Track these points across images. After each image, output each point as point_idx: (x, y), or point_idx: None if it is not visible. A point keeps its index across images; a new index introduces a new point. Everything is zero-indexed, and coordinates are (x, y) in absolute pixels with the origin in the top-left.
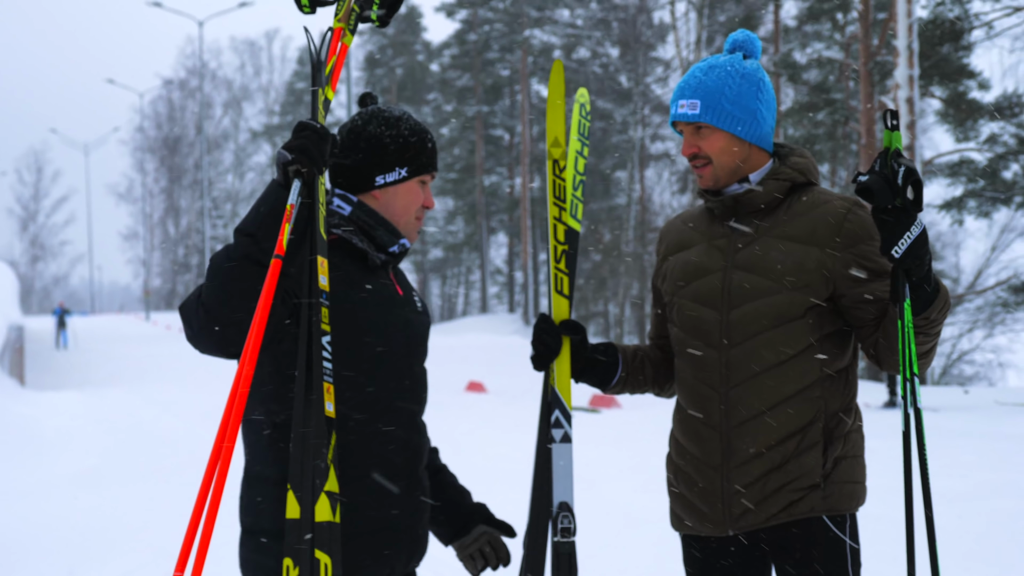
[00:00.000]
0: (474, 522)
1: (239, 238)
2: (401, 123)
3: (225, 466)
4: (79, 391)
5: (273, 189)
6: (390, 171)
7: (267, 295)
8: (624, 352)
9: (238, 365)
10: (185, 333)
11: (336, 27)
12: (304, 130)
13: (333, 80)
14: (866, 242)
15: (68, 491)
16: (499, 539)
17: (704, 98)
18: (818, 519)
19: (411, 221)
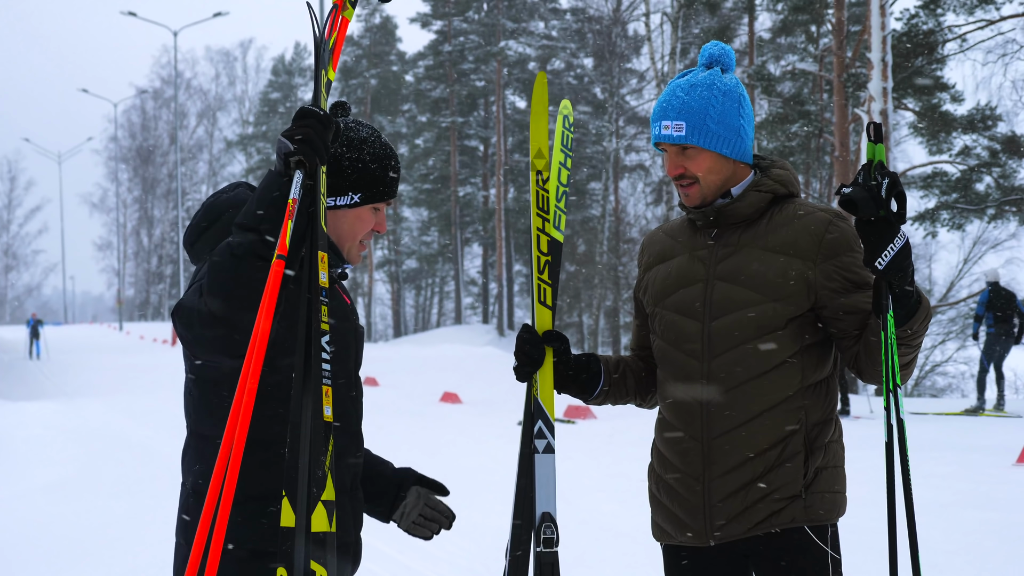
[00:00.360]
0: (406, 487)
1: (242, 234)
2: (365, 147)
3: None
4: (52, 401)
5: (274, 180)
6: (343, 195)
7: (271, 298)
8: (606, 363)
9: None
10: (181, 336)
11: (338, 1)
12: (307, 117)
13: (334, 58)
14: (847, 254)
15: (42, 502)
16: (436, 499)
17: (689, 119)
18: (800, 529)
19: (355, 246)
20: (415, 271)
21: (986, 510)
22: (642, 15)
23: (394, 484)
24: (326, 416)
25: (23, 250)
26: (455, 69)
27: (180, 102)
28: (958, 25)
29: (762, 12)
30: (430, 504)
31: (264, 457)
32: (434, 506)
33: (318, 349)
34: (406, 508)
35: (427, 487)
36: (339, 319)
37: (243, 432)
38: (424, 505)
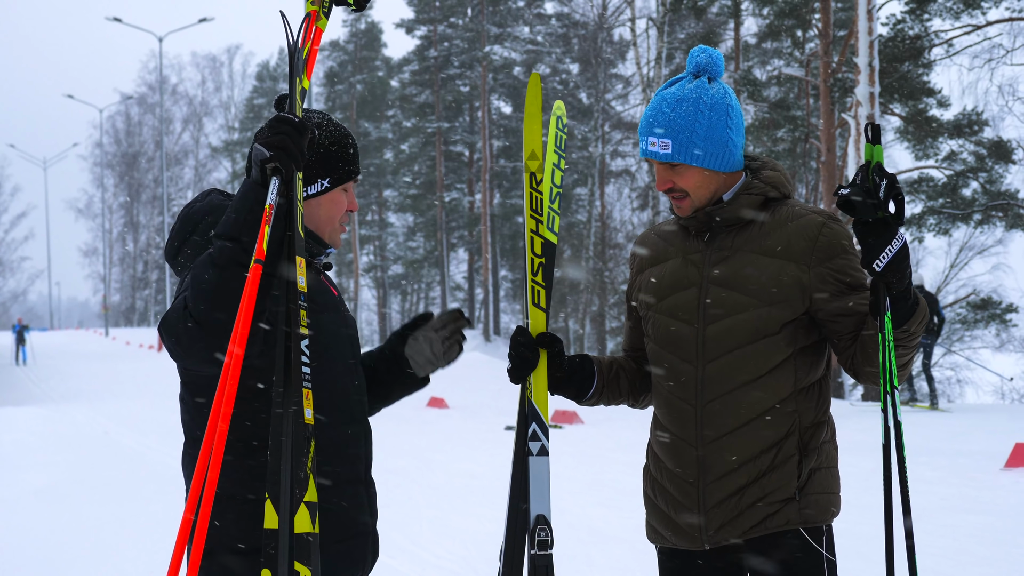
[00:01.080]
0: (400, 350)
1: (221, 243)
2: (320, 132)
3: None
4: (39, 407)
5: (251, 188)
6: (312, 183)
7: (249, 303)
8: (600, 364)
9: (220, 378)
10: (169, 349)
11: (311, 10)
12: (282, 124)
13: (309, 66)
14: (841, 256)
15: (29, 507)
16: (431, 323)
17: (675, 137)
18: (795, 531)
19: (335, 229)
20: (401, 276)
21: (974, 514)
22: (627, 20)
23: (394, 361)
24: (307, 419)
25: (9, 256)
26: (440, 74)
27: (166, 108)
28: (944, 30)
29: (748, 17)
30: (436, 328)
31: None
32: (439, 326)
33: (298, 353)
34: (426, 356)
35: (412, 330)
36: (329, 311)
37: (223, 435)
38: (433, 334)
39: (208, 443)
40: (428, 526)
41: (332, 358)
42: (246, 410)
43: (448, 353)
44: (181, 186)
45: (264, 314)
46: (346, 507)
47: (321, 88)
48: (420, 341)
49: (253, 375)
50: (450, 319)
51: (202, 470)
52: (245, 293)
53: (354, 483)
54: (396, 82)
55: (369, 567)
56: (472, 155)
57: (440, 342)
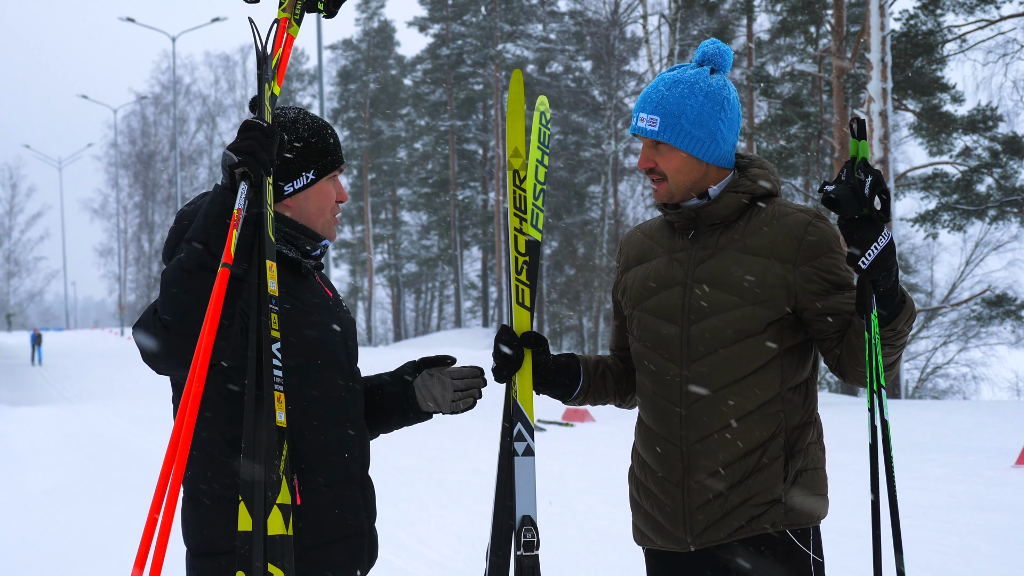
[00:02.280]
0: (409, 382)
1: (190, 247)
2: (299, 125)
3: (176, 486)
4: (53, 406)
5: (220, 193)
6: (297, 178)
7: (215, 306)
8: (586, 363)
9: (187, 380)
10: (142, 353)
11: (281, 17)
12: (251, 130)
13: (279, 73)
14: (827, 255)
15: (41, 506)
16: (449, 370)
17: (664, 115)
18: (781, 533)
19: (328, 221)
20: (415, 275)
21: (983, 512)
22: (640, 17)
23: (401, 387)
24: (279, 421)
25: (25, 256)
26: (453, 72)
27: (180, 107)
28: (958, 25)
29: (761, 13)
30: (453, 376)
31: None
32: (458, 376)
33: (269, 356)
34: (432, 394)
35: (429, 366)
36: (321, 312)
37: (187, 438)
38: (449, 379)
39: (173, 445)
40: (434, 525)
41: (323, 359)
42: (225, 412)
43: (456, 404)
44: (196, 186)
45: (233, 317)
46: (339, 508)
47: (334, 87)
48: (435, 378)
49: (228, 378)
50: (471, 374)
51: (167, 471)
52: (212, 297)
53: (348, 484)
54: (409, 80)
55: (366, 568)
56: (485, 153)
57: (452, 389)
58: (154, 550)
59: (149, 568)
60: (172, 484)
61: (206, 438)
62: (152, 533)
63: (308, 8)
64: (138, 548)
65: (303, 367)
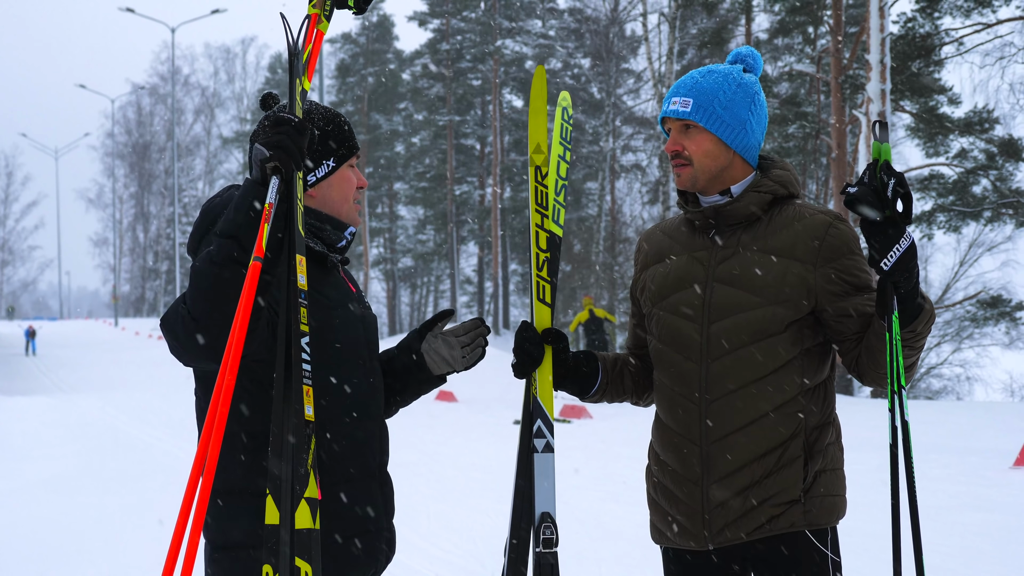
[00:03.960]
0: (416, 347)
1: (220, 241)
2: (313, 116)
3: (209, 479)
4: (48, 396)
5: (251, 187)
6: (318, 167)
7: (247, 299)
8: (604, 361)
9: (219, 374)
10: (170, 346)
11: (312, 13)
12: (282, 124)
13: (310, 69)
14: (847, 256)
15: (37, 497)
16: (451, 327)
17: (697, 97)
18: (800, 533)
19: (351, 206)
20: (411, 269)
21: (983, 512)
22: (639, 15)
23: (410, 357)
24: (307, 415)
25: (19, 245)
26: (452, 68)
27: (178, 99)
28: (955, 28)
29: (759, 13)
30: (455, 333)
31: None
32: (459, 332)
33: (298, 350)
34: (442, 355)
35: (432, 327)
36: (345, 307)
37: (220, 431)
38: (453, 338)
39: (206, 440)
40: (436, 520)
41: (346, 355)
42: (249, 406)
43: (468, 358)
44: (192, 177)
45: (262, 312)
46: (358, 504)
47: (333, 80)
48: (439, 340)
49: (254, 371)
50: (472, 327)
51: (199, 465)
52: (244, 291)
53: (367, 480)
54: (408, 75)
55: (383, 564)
56: (483, 149)
57: (459, 346)
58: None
59: (182, 564)
60: (205, 478)
61: (229, 431)
62: (184, 527)
63: (338, 4)
64: (170, 543)
65: (327, 362)
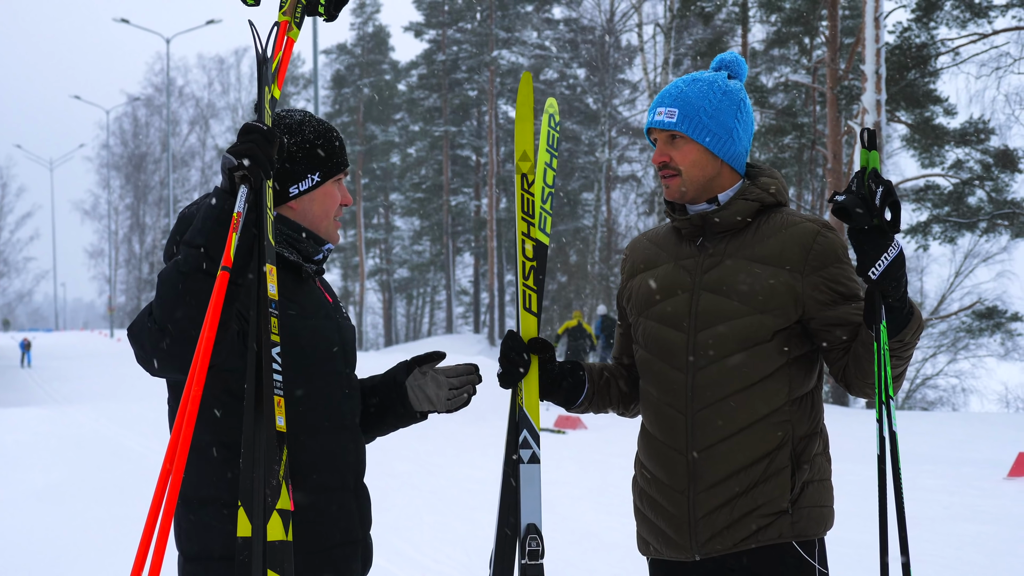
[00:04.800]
0: (401, 381)
1: (188, 250)
2: (305, 128)
3: (175, 489)
4: (42, 407)
5: (219, 196)
6: (302, 179)
7: (215, 309)
8: (590, 371)
9: (186, 383)
10: (136, 355)
11: (282, 21)
12: (251, 133)
13: (280, 77)
14: (835, 265)
15: (31, 508)
16: (441, 367)
17: (683, 107)
18: (787, 544)
19: (331, 224)
20: (406, 280)
21: (976, 523)
22: (635, 26)
23: (394, 388)
24: (279, 426)
25: (14, 256)
26: (448, 78)
27: (172, 109)
28: (951, 38)
29: (755, 23)
30: (447, 374)
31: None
32: (451, 374)
33: (269, 360)
34: (427, 393)
35: (421, 364)
36: (321, 318)
37: (186, 442)
38: (443, 377)
39: (172, 449)
40: (429, 531)
41: (320, 366)
42: (222, 416)
43: (452, 401)
44: (187, 188)
45: (230, 321)
46: (333, 515)
47: (328, 91)
48: (427, 377)
49: (227, 382)
50: (465, 371)
51: (165, 474)
52: (211, 300)
53: (342, 491)
54: (403, 86)
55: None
56: (479, 159)
57: (447, 388)
58: (152, 554)
59: (147, 573)
60: (171, 488)
61: (203, 442)
62: (151, 537)
63: (309, 11)
64: (136, 552)
65: (300, 372)
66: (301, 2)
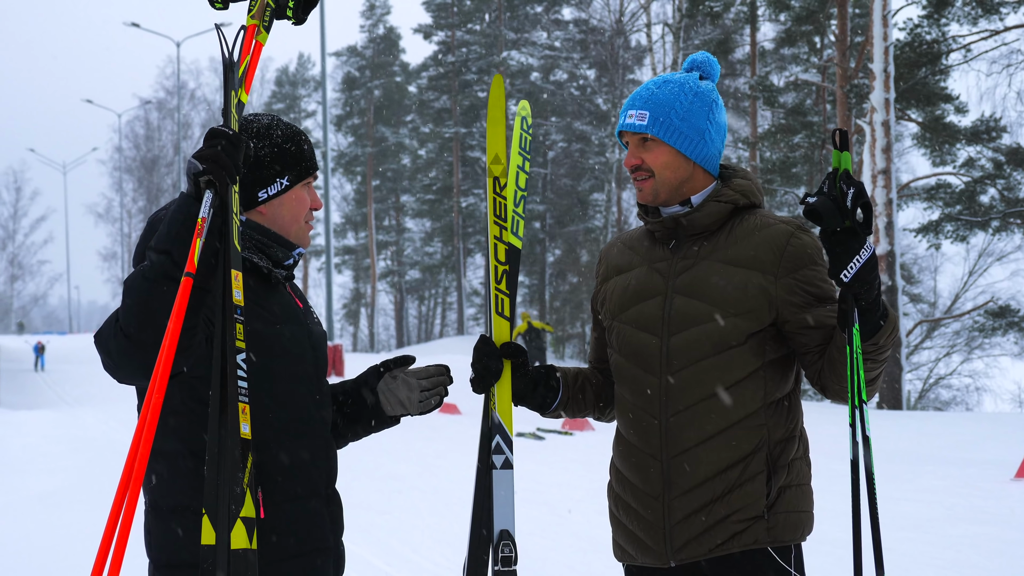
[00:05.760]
0: (372, 385)
1: (154, 256)
2: (273, 131)
3: (134, 498)
4: (52, 410)
5: (184, 202)
6: (271, 184)
7: (177, 315)
8: (565, 375)
9: (147, 391)
10: (103, 362)
11: (250, 24)
12: (216, 137)
13: (247, 81)
14: (809, 267)
15: (39, 511)
16: (413, 369)
17: (653, 110)
18: (762, 550)
19: (302, 228)
20: (418, 282)
21: (980, 525)
22: (644, 26)
23: (364, 394)
24: (243, 433)
25: (28, 260)
26: (458, 80)
27: (184, 112)
28: (962, 35)
29: (764, 23)
30: (417, 376)
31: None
32: (422, 376)
33: (234, 367)
34: (398, 396)
35: (391, 368)
36: (290, 323)
37: (146, 449)
38: (414, 380)
39: (132, 455)
40: (428, 533)
41: (290, 372)
42: (189, 423)
43: (424, 403)
44: None
45: (197, 327)
46: (304, 522)
47: (339, 93)
48: (398, 381)
49: (194, 388)
50: (436, 372)
51: (125, 481)
52: (175, 307)
53: (311, 498)
54: (414, 87)
55: None
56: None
57: (418, 390)
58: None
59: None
60: (130, 495)
61: (171, 448)
62: (109, 544)
63: (277, 15)
64: (95, 560)
65: (269, 379)
66: (270, 5)
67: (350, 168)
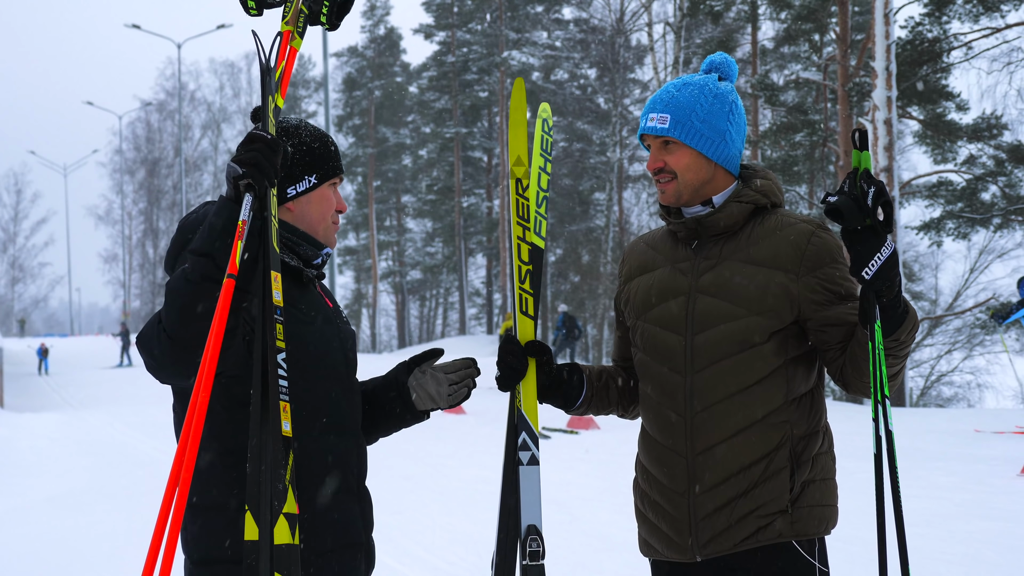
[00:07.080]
0: (403, 381)
1: (195, 258)
2: (301, 131)
3: (183, 496)
4: (57, 413)
5: (225, 205)
6: (300, 181)
7: (220, 316)
8: (589, 373)
9: (190, 391)
10: (146, 363)
11: (284, 30)
12: (255, 142)
13: (283, 86)
14: (830, 265)
15: (46, 513)
16: (441, 364)
17: (674, 113)
18: (787, 544)
19: (329, 227)
20: (419, 282)
21: (988, 520)
22: (645, 25)
23: (396, 389)
24: (284, 431)
25: (29, 262)
26: (458, 80)
27: (184, 114)
28: (963, 33)
29: (765, 21)
30: (445, 370)
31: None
32: (450, 370)
33: (275, 366)
34: (428, 391)
35: (420, 363)
36: (322, 323)
37: (194, 448)
38: (442, 374)
39: (180, 455)
40: (440, 533)
41: (322, 371)
42: (227, 422)
43: (453, 396)
44: (200, 192)
45: (238, 328)
46: (335, 519)
47: (339, 94)
48: (427, 375)
49: (231, 388)
50: (463, 365)
51: (174, 479)
52: (217, 308)
53: (345, 494)
54: (414, 88)
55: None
56: (490, 160)
57: (447, 384)
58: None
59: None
60: (179, 495)
61: (205, 446)
62: (160, 543)
63: (311, 21)
64: (146, 558)
65: (303, 377)
66: (303, 11)
67: (351, 169)
